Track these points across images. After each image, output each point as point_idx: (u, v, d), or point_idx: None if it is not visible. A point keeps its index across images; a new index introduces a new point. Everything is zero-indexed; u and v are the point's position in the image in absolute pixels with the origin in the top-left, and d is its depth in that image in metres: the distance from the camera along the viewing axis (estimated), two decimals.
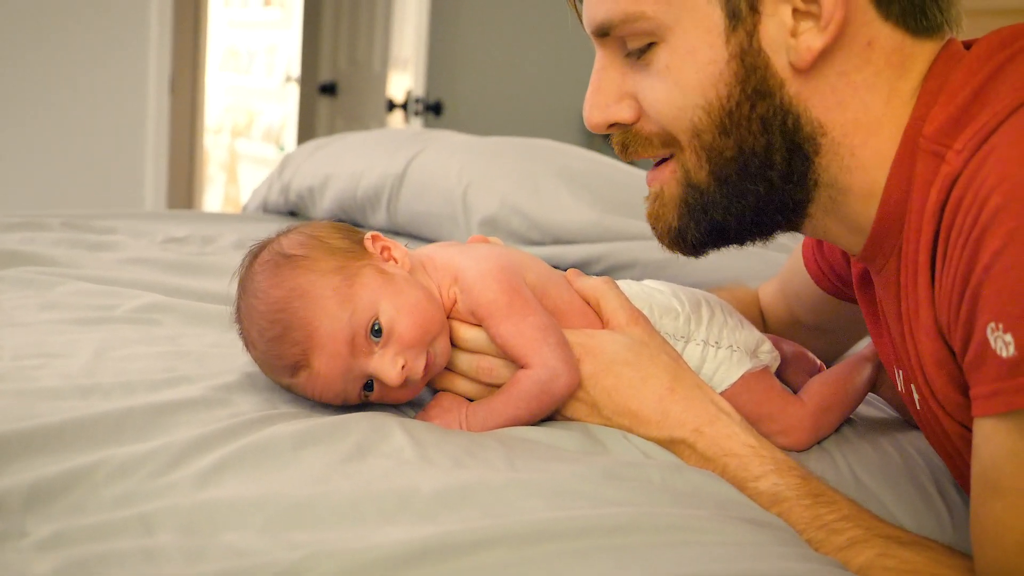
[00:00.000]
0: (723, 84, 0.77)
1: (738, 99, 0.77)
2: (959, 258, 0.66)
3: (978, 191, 0.65)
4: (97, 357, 0.99)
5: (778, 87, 0.77)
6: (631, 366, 0.91)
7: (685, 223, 0.83)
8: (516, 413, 0.90)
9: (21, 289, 1.28)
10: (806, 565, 0.69)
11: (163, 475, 0.74)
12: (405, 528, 0.68)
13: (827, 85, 0.76)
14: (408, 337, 0.88)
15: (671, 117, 0.80)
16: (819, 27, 0.74)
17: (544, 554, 0.66)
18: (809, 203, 0.81)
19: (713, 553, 0.69)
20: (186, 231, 1.85)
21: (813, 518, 0.78)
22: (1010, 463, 0.64)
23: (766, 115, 0.77)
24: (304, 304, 0.87)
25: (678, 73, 0.78)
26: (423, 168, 1.98)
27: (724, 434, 0.87)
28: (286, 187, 2.26)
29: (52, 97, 3.40)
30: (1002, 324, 0.61)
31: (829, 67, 0.76)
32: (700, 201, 0.81)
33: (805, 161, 0.78)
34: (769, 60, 0.76)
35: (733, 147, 0.78)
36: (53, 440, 0.77)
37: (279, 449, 0.78)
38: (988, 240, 0.63)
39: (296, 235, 0.93)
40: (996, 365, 0.63)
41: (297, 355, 0.87)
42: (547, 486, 0.75)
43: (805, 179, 0.79)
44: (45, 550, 0.64)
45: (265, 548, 0.65)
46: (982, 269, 0.63)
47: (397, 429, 0.84)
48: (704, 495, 0.80)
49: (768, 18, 0.75)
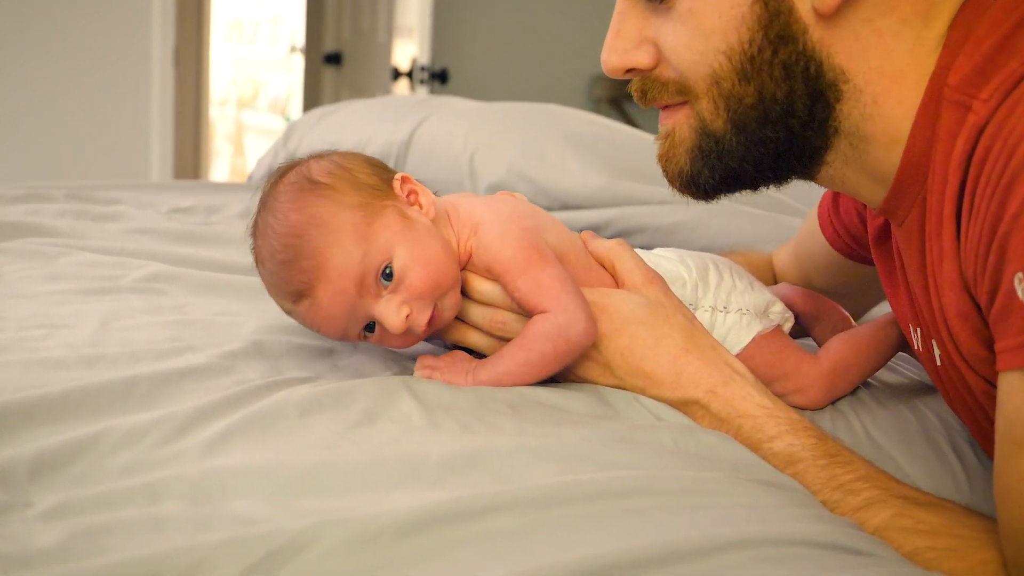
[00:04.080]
0: (745, 28, 0.75)
1: (760, 44, 0.76)
2: (986, 208, 0.65)
3: (1007, 139, 0.63)
4: (102, 327, 0.99)
5: (801, 32, 0.75)
6: (645, 326, 0.90)
7: (698, 168, 0.81)
8: (528, 357, 0.88)
9: (26, 260, 1.27)
10: (821, 526, 0.68)
11: (169, 444, 0.73)
12: (414, 494, 0.67)
13: (851, 32, 0.75)
14: (419, 287, 0.86)
15: (691, 62, 0.78)
16: None
17: (555, 519, 0.65)
18: (827, 150, 0.79)
19: (726, 515, 0.68)
20: (191, 201, 1.84)
21: (829, 479, 0.77)
22: None
23: (788, 61, 0.76)
24: (320, 233, 0.86)
25: (700, 16, 0.77)
26: (429, 135, 1.97)
27: (738, 395, 0.86)
28: (291, 156, 2.25)
29: (57, 70, 3.39)
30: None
31: (853, 13, 0.74)
32: (715, 148, 0.80)
33: (826, 108, 0.77)
34: (793, 5, 0.75)
35: (754, 94, 0.77)
36: (58, 410, 0.76)
37: (286, 416, 0.78)
38: (1018, 187, 0.61)
39: (327, 162, 0.91)
40: (1023, 316, 0.61)
41: (303, 283, 0.86)
42: (557, 450, 0.74)
43: (825, 126, 0.78)
44: (51, 520, 0.63)
45: (273, 516, 0.64)
46: (1011, 217, 0.62)
47: (405, 394, 0.83)
48: (717, 457, 0.79)
49: None
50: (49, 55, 3.36)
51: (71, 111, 3.43)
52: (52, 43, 3.35)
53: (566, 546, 0.62)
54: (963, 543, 0.69)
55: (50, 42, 3.35)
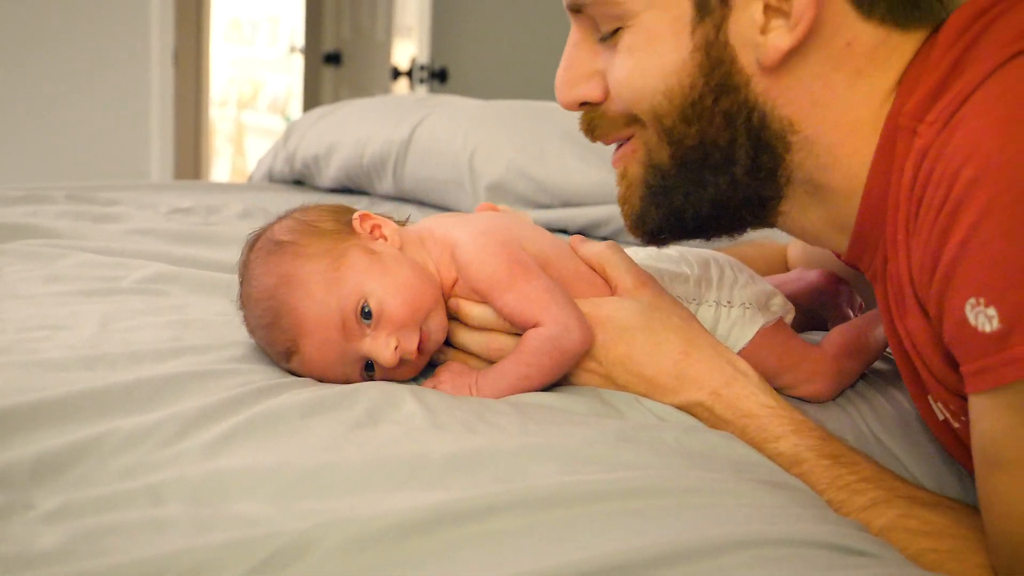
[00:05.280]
0: (686, 74, 0.75)
1: (701, 91, 0.75)
2: (929, 233, 0.64)
3: (948, 163, 0.62)
4: (102, 328, 0.98)
5: (744, 83, 0.74)
6: (642, 332, 0.89)
7: (646, 207, 0.81)
8: (527, 372, 0.88)
9: (25, 262, 1.27)
10: (824, 527, 0.68)
11: (171, 445, 0.73)
12: (416, 495, 0.67)
13: (800, 85, 0.74)
14: (399, 316, 0.86)
15: (632, 99, 0.78)
16: (788, 26, 0.71)
17: (558, 519, 0.65)
18: (781, 200, 0.79)
19: (730, 516, 0.68)
20: (191, 201, 1.84)
21: (834, 479, 0.77)
22: (1008, 437, 0.62)
23: (730, 110, 0.75)
24: (290, 290, 0.87)
25: (640, 55, 0.76)
26: (429, 134, 1.97)
27: (742, 395, 0.86)
28: (291, 156, 2.25)
29: (56, 72, 3.38)
30: (983, 298, 0.59)
31: (803, 68, 0.73)
32: (661, 184, 0.79)
33: (774, 158, 0.76)
34: (736, 55, 0.74)
35: (695, 136, 0.77)
36: (59, 412, 0.76)
37: (288, 418, 0.77)
38: (963, 214, 0.60)
39: (288, 220, 0.93)
40: (980, 341, 0.60)
41: (288, 341, 0.87)
42: (560, 451, 0.74)
43: (775, 176, 0.77)
44: (52, 522, 0.63)
45: (275, 517, 0.64)
46: (957, 244, 0.61)
47: (407, 396, 0.83)
48: (719, 456, 0.79)
49: (738, 12, 0.73)
50: (49, 56, 3.36)
51: (71, 112, 3.43)
52: (52, 44, 3.35)
53: (569, 547, 0.62)
54: (964, 544, 0.69)
55: (50, 43, 3.35)
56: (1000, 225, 0.58)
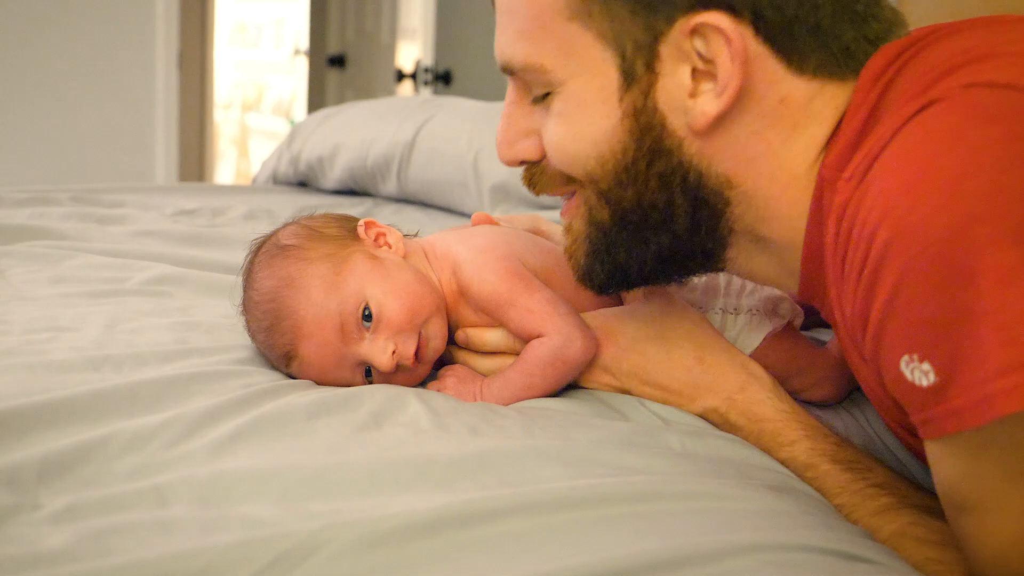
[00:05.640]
0: (616, 140, 0.74)
1: (634, 155, 0.74)
2: (855, 292, 0.64)
3: (864, 224, 0.62)
4: (108, 330, 0.98)
5: (676, 146, 0.73)
6: (654, 342, 0.89)
7: (591, 263, 0.81)
8: (531, 382, 0.88)
9: (31, 263, 1.27)
10: (830, 533, 0.68)
11: (176, 446, 0.73)
12: (423, 497, 0.67)
13: (735, 143, 0.72)
14: (398, 320, 0.87)
15: (566, 163, 0.77)
16: (716, 91, 0.70)
17: (564, 522, 0.65)
18: (726, 249, 0.78)
19: (736, 520, 0.68)
20: (196, 203, 1.84)
21: (847, 484, 0.77)
22: (966, 483, 0.63)
23: (664, 172, 0.74)
24: (291, 293, 0.87)
25: (571, 122, 0.75)
26: (433, 135, 1.97)
27: (756, 400, 0.86)
28: (296, 158, 2.25)
29: (61, 75, 3.39)
30: (917, 354, 0.60)
31: (738, 126, 0.72)
32: (604, 241, 0.79)
33: (714, 214, 0.75)
34: (666, 119, 0.73)
35: (632, 198, 0.76)
36: (64, 413, 0.76)
37: (294, 419, 0.78)
38: (883, 275, 0.61)
39: (293, 226, 0.94)
40: (920, 395, 0.61)
41: (287, 344, 0.88)
42: (565, 454, 0.74)
43: (715, 230, 0.76)
44: (59, 522, 0.63)
45: (282, 519, 0.64)
46: (883, 304, 0.61)
47: (413, 399, 0.83)
48: (725, 460, 0.79)
49: (665, 78, 0.72)
50: (54, 59, 3.36)
51: (76, 115, 3.44)
52: (57, 47, 3.36)
53: (575, 550, 0.62)
54: (963, 556, 0.69)
55: (55, 46, 3.36)
56: (919, 286, 0.58)
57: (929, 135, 0.60)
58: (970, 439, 0.60)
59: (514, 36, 0.75)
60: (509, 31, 0.76)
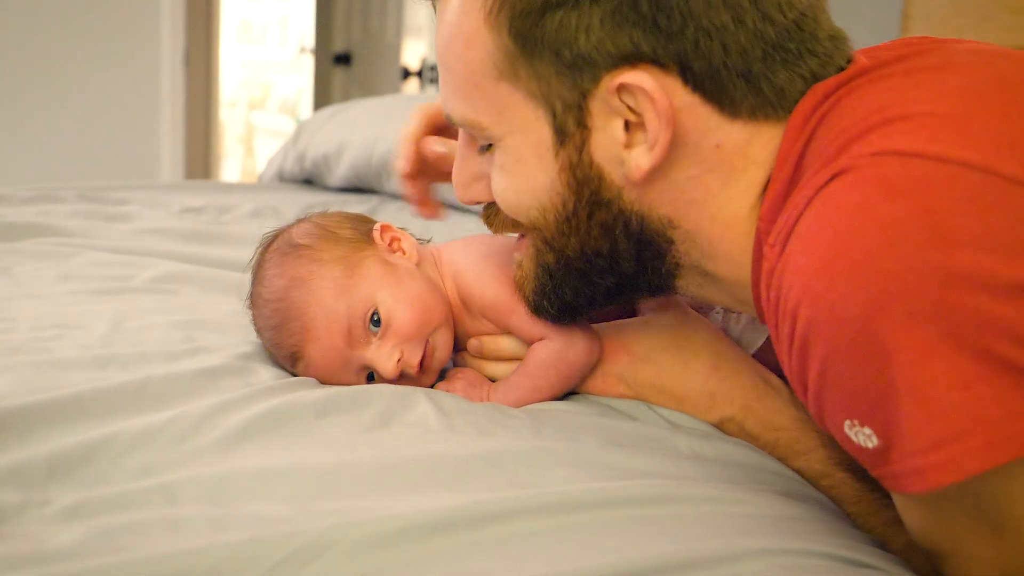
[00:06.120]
0: (556, 193, 0.74)
1: (575, 207, 0.75)
2: (789, 359, 0.65)
3: (786, 300, 0.63)
4: (114, 327, 0.98)
5: (615, 196, 0.74)
6: (669, 352, 0.89)
7: (539, 299, 0.82)
8: (536, 384, 0.88)
9: (37, 261, 1.27)
10: (838, 539, 0.68)
11: (183, 445, 0.73)
12: (431, 497, 0.67)
13: (674, 188, 0.73)
14: (406, 328, 0.87)
15: (511, 212, 0.78)
16: (647, 146, 0.70)
17: (572, 524, 0.65)
18: (675, 279, 0.78)
19: (745, 524, 0.68)
20: (202, 201, 1.84)
21: (863, 492, 0.77)
22: (935, 533, 0.65)
23: (606, 221, 0.75)
24: (302, 294, 0.87)
25: (511, 175, 0.76)
26: None
27: (772, 409, 0.85)
28: (301, 155, 2.25)
29: (67, 73, 3.39)
30: (857, 420, 0.61)
31: (676, 172, 0.72)
32: (551, 282, 0.80)
33: (658, 254, 0.76)
34: (603, 171, 0.73)
35: (576, 247, 0.77)
36: (72, 411, 0.76)
37: (301, 417, 0.77)
38: (811, 350, 0.62)
39: (307, 224, 0.93)
40: (868, 455, 0.62)
41: (294, 345, 0.88)
42: (574, 455, 0.74)
43: (661, 267, 0.77)
44: (68, 520, 0.63)
45: (291, 517, 0.64)
46: (817, 375, 0.62)
47: (421, 398, 0.83)
48: (734, 464, 0.79)
49: (598, 132, 0.72)
50: (60, 58, 3.37)
51: (82, 113, 3.44)
52: (63, 46, 3.36)
53: (584, 551, 0.62)
54: None
55: (61, 45, 3.36)
56: (844, 362, 0.60)
57: (839, 210, 0.60)
58: (927, 495, 0.61)
59: (452, 92, 0.76)
60: (448, 86, 0.77)
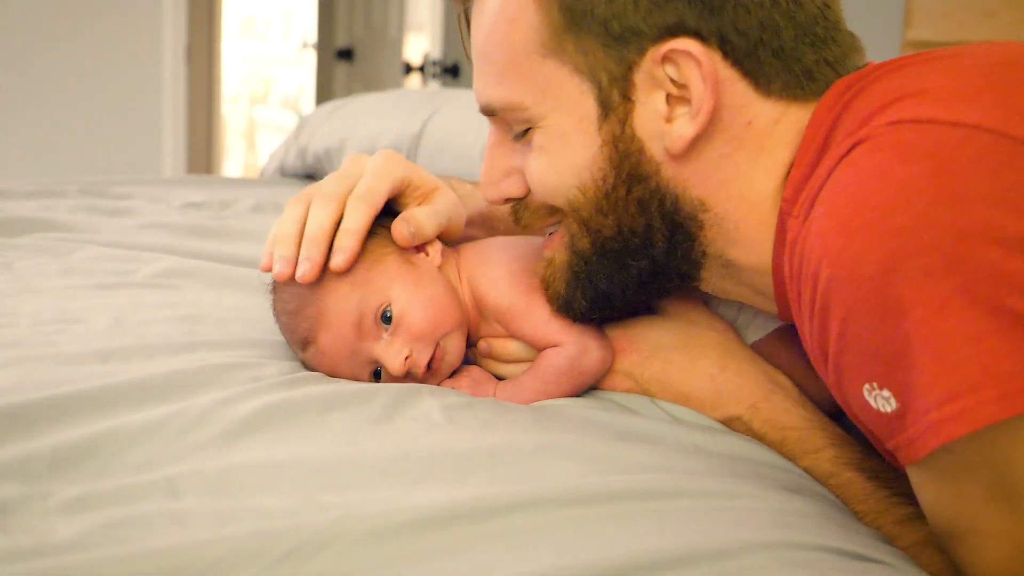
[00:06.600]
0: (597, 168, 0.77)
1: (614, 182, 0.77)
2: (810, 326, 0.67)
3: (808, 263, 0.65)
4: (116, 322, 0.98)
5: (654, 171, 0.76)
6: (678, 350, 0.89)
7: (572, 292, 0.83)
8: (545, 388, 0.88)
9: (39, 255, 1.27)
10: (844, 534, 0.68)
11: (187, 438, 0.73)
12: (436, 490, 0.67)
13: (708, 166, 0.75)
14: (418, 329, 0.87)
15: (549, 194, 0.80)
16: (691, 114, 0.73)
17: (577, 517, 0.65)
18: (700, 270, 0.81)
19: (749, 518, 0.67)
20: (203, 196, 1.84)
21: (871, 491, 0.77)
22: (951, 508, 0.65)
23: (643, 197, 0.77)
24: (320, 282, 0.87)
25: (552, 154, 0.78)
26: (440, 127, 1.96)
27: (780, 408, 0.86)
28: (303, 150, 2.25)
29: (69, 68, 3.39)
30: (876, 382, 0.62)
31: (709, 149, 0.75)
32: (585, 270, 0.82)
33: (688, 238, 0.78)
34: (643, 146, 0.75)
35: (612, 226, 0.79)
36: (74, 405, 0.76)
37: (305, 412, 0.77)
38: (831, 311, 0.63)
39: None
40: (887, 422, 0.63)
41: (307, 330, 0.88)
42: (577, 449, 0.74)
43: (690, 253, 0.79)
44: (70, 513, 0.63)
45: (295, 510, 0.64)
46: (836, 337, 0.64)
47: (425, 393, 0.83)
48: (739, 459, 0.79)
49: (641, 106, 0.75)
50: (62, 53, 3.37)
51: (84, 108, 3.44)
52: (65, 41, 3.36)
53: (588, 545, 0.62)
54: None
55: (63, 40, 3.36)
56: (863, 320, 0.61)
57: (858, 174, 0.63)
58: (946, 463, 0.61)
59: (493, 79, 0.79)
60: (487, 75, 0.79)
